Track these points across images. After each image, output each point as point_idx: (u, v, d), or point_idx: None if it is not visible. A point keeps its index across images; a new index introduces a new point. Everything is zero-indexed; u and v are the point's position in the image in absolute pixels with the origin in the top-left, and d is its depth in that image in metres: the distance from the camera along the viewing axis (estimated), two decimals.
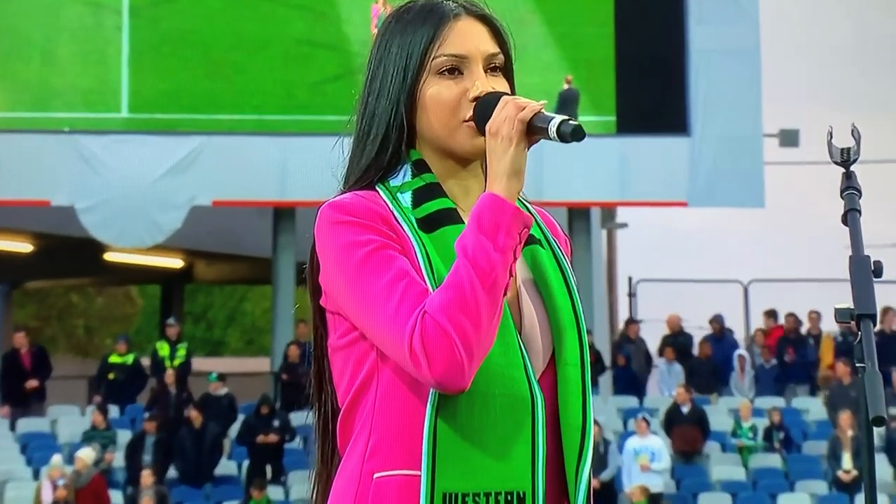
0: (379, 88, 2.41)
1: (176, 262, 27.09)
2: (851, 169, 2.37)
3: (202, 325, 39.78)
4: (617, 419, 19.16)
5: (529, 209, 2.44)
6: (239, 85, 20.22)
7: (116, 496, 16.75)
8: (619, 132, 20.36)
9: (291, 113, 20.21)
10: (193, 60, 20.20)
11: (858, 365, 2.22)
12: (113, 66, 20.15)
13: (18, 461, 17.82)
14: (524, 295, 2.37)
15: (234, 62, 20.20)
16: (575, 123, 2.25)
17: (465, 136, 2.37)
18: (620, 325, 23.53)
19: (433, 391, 2.25)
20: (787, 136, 22.60)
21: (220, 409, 18.12)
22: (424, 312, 2.20)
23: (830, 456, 17.68)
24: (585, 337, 2.40)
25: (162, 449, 17.20)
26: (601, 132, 19.88)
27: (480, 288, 2.20)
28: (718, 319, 21.12)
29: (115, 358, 19.62)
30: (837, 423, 17.67)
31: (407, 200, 2.37)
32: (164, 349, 19.43)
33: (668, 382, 20.03)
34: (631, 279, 24.19)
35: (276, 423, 17.51)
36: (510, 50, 2.44)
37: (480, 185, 2.41)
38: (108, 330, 36.34)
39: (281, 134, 19.92)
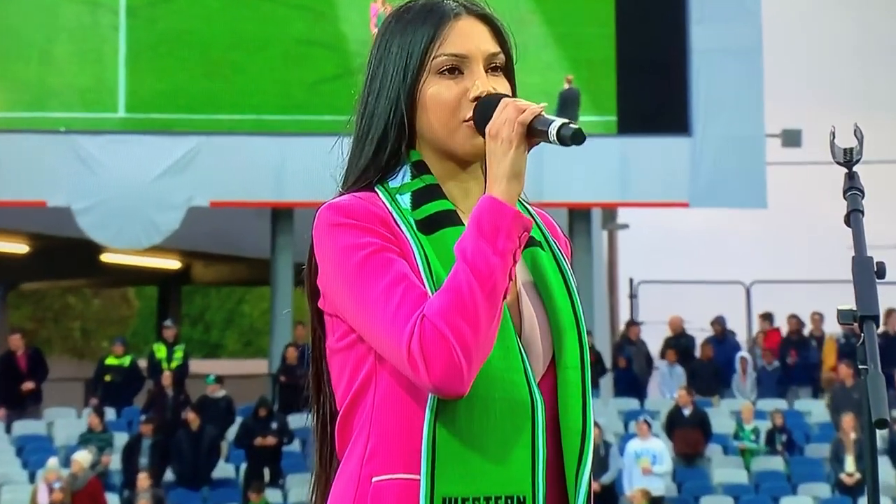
0: (379, 88, 2.41)
1: (173, 263, 27.04)
2: (854, 169, 2.38)
3: (200, 326, 39.76)
4: (618, 421, 19.12)
5: (529, 210, 2.43)
6: (237, 85, 20.18)
7: (113, 499, 16.77)
8: (619, 132, 20.34)
9: (290, 113, 20.17)
10: (191, 60, 20.17)
11: (861, 367, 2.22)
12: (110, 65, 20.11)
13: (14, 464, 17.80)
14: (524, 298, 2.37)
15: (231, 62, 20.15)
16: (575, 127, 2.24)
17: (464, 136, 2.36)
18: (621, 326, 23.50)
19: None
20: (789, 136, 22.54)
21: (217, 411, 18.08)
22: (423, 316, 2.19)
23: (833, 459, 17.67)
24: (586, 339, 2.40)
25: (159, 451, 17.20)
26: (602, 132, 19.86)
27: (479, 292, 2.19)
28: (720, 321, 21.13)
29: (111, 360, 19.60)
30: (840, 425, 17.67)
31: (406, 202, 2.37)
32: (161, 351, 19.39)
33: (669, 384, 20.00)
34: (632, 280, 24.17)
35: (274, 425, 17.50)
36: (511, 49, 2.44)
37: (480, 186, 2.40)
38: (104, 332, 36.29)
39: (279, 134, 19.87)
